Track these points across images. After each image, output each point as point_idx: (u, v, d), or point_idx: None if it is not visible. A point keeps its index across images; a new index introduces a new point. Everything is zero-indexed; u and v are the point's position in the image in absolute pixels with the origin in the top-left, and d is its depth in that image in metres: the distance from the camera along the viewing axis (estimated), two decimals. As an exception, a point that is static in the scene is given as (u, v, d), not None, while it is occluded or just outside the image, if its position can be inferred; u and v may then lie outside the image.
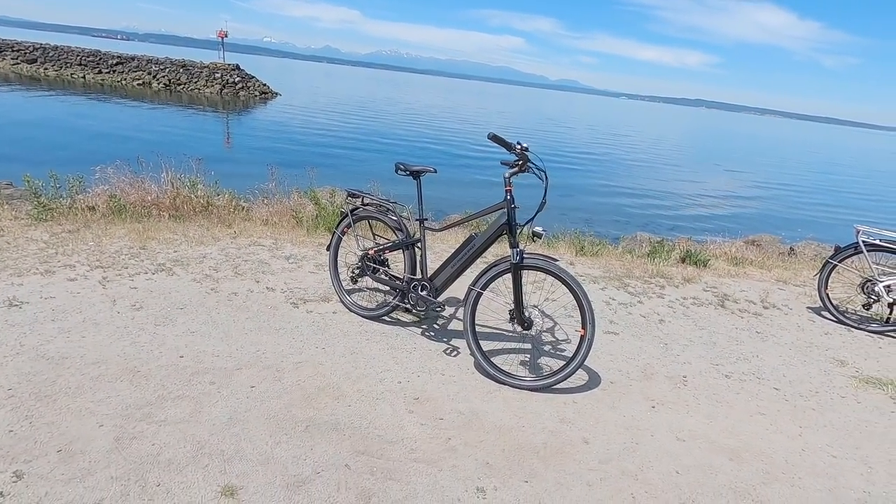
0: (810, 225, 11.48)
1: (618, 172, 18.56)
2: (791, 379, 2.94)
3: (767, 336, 3.49)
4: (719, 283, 4.43)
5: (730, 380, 2.84)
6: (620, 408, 2.44)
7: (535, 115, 55.11)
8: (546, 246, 5.10)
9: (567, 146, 24.97)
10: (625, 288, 4.03)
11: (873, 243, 3.61)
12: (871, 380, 3.01)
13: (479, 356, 2.56)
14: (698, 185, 17.54)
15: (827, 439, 2.39)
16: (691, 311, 3.78)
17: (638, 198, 14.00)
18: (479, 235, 2.63)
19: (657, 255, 4.91)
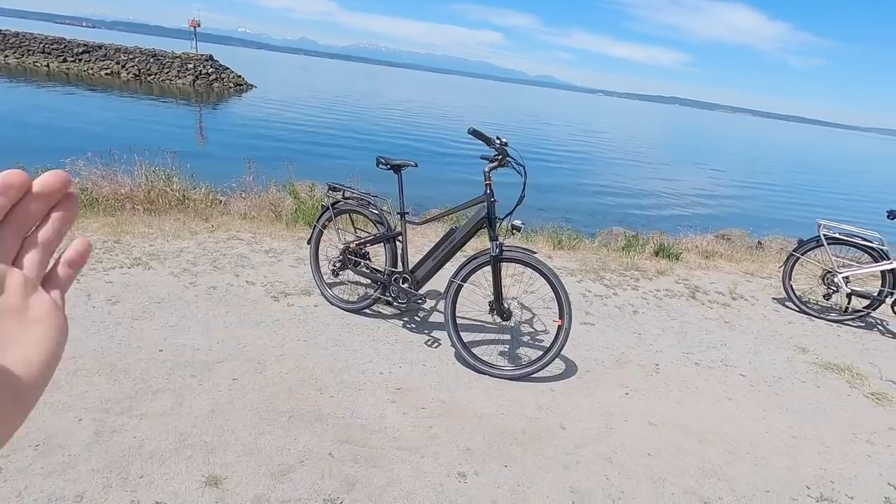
0: (777, 220, 11.89)
1: (595, 169, 18.86)
2: (756, 366, 3.08)
3: (735, 325, 3.64)
4: (691, 276, 4.58)
5: (699, 367, 2.97)
6: (596, 395, 2.53)
7: (513, 110, 55.37)
8: (525, 240, 5.18)
9: (546, 143, 25.22)
10: (601, 280, 4.14)
11: (833, 237, 3.80)
12: (829, 366, 3.18)
13: (460, 347, 2.61)
14: (672, 182, 17.96)
15: (788, 421, 2.53)
16: (664, 302, 3.91)
17: (614, 193, 14.27)
18: (460, 229, 2.68)
19: (632, 249, 5.05)
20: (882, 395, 2.90)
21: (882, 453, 2.37)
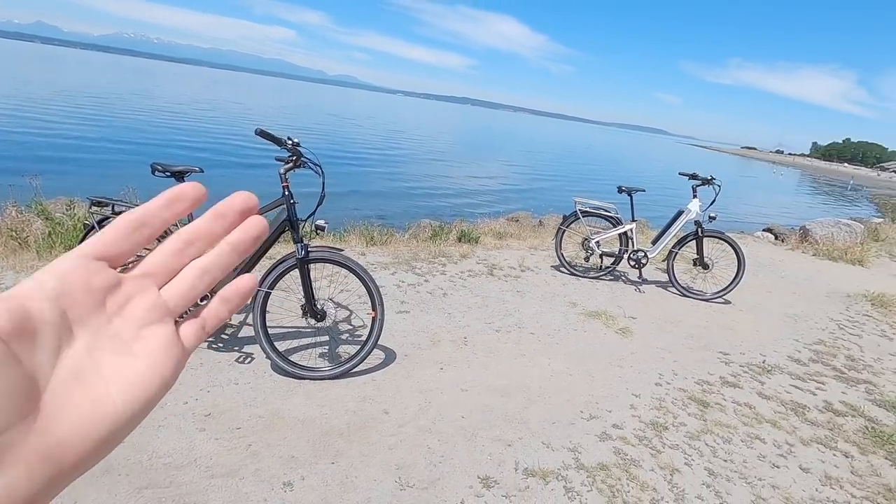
0: (553, 200, 14.19)
1: (405, 166, 19.69)
2: (542, 323, 3.67)
3: (525, 293, 4.27)
4: (488, 256, 5.18)
5: (499, 333, 3.41)
6: (414, 375, 2.71)
7: (315, 110, 53.98)
8: (337, 239, 5.18)
9: (355, 143, 25.31)
10: (412, 270, 4.40)
11: (586, 210, 4.72)
12: (592, 313, 3.97)
13: (275, 357, 2.51)
14: (471, 174, 19.88)
15: (566, 364, 3.10)
16: (468, 282, 4.35)
17: (424, 188, 15.14)
18: (260, 235, 2.56)
19: (438, 238, 5.48)
20: (626, 329, 3.75)
21: (627, 372, 3.09)
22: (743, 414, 2.78)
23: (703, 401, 2.85)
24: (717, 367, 3.33)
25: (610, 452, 2.28)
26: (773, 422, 2.75)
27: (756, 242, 8.25)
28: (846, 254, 7.33)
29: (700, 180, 4.54)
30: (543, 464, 2.13)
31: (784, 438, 2.60)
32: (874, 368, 3.68)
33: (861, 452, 2.58)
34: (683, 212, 4.61)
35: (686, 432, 2.52)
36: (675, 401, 2.82)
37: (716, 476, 2.22)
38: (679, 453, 2.34)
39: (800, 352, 3.80)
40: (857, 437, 2.72)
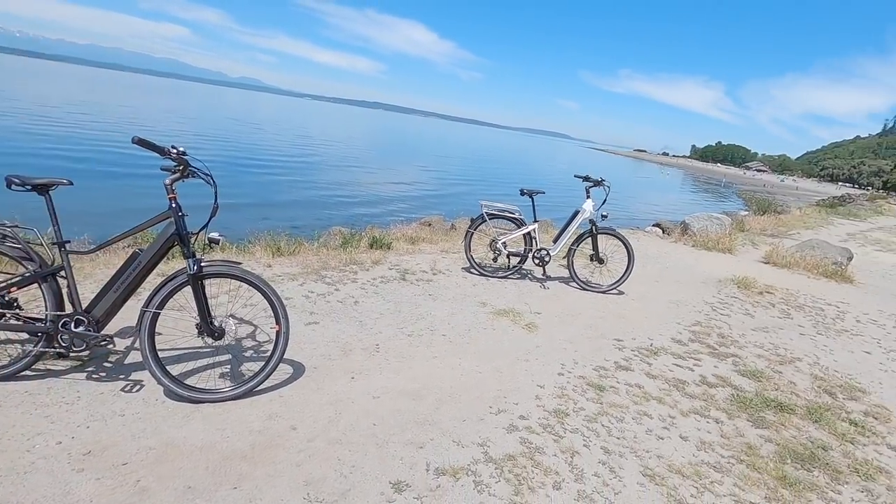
0: (464, 203, 14.56)
1: (317, 173, 19.09)
2: (453, 325, 3.76)
3: (437, 296, 4.34)
4: (401, 261, 5.21)
5: (412, 337, 3.44)
6: (324, 387, 2.65)
7: (215, 115, 50.61)
8: (241, 251, 4.91)
9: (263, 150, 24.06)
10: (322, 279, 4.30)
11: (492, 213, 4.92)
12: (500, 311, 4.14)
13: (168, 381, 2.33)
14: (382, 178, 19.80)
15: (476, 362, 3.20)
16: (380, 288, 4.34)
17: (336, 195, 14.79)
18: (145, 251, 2.37)
19: (349, 245, 5.40)
20: (532, 324, 3.96)
21: (533, 365, 3.26)
22: (633, 394, 3.06)
23: (599, 385, 3.09)
24: (612, 354, 3.63)
25: (517, 443, 2.39)
26: (659, 398, 3.05)
27: (646, 237, 9.09)
28: (718, 244, 8.32)
29: (592, 182, 4.92)
30: (454, 461, 2.19)
31: (667, 412, 2.90)
32: (739, 343, 4.22)
33: (729, 417, 2.95)
34: (579, 211, 4.97)
35: (585, 416, 2.72)
36: (575, 388, 3.03)
37: (610, 453, 2.42)
38: (578, 436, 2.52)
39: (681, 333, 4.26)
40: (725, 404, 3.11)
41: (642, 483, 2.25)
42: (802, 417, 3.09)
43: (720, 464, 2.48)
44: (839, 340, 4.71)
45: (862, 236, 14.18)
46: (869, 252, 11.11)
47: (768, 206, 17.28)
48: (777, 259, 7.78)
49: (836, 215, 20.44)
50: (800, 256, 7.69)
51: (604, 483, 2.21)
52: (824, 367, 3.98)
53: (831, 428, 3.01)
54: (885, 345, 4.78)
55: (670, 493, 2.21)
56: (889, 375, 4.05)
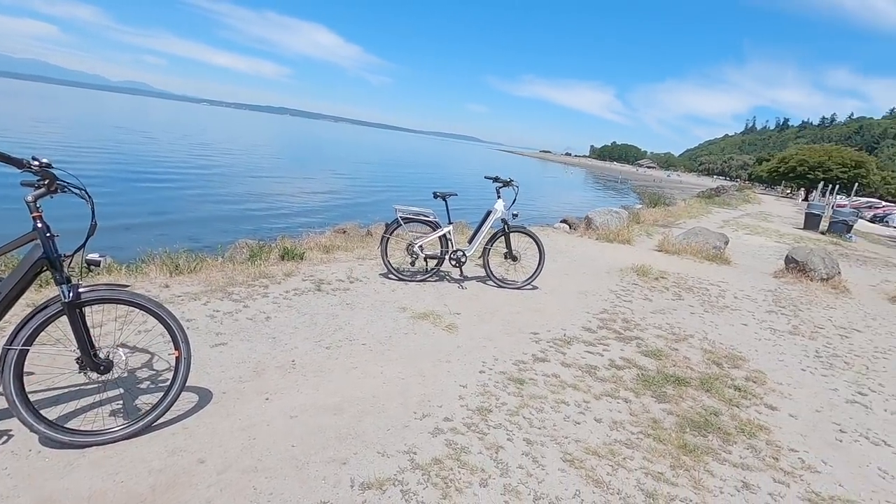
0: (381, 209, 14.41)
1: (218, 183, 17.82)
2: (373, 333, 3.69)
3: (355, 305, 4.24)
4: (315, 271, 5.01)
5: (330, 350, 3.32)
6: (235, 413, 2.47)
7: (96, 122, 45.50)
8: (133, 272, 4.44)
9: (152, 160, 21.98)
10: (229, 297, 4.01)
11: (407, 217, 4.90)
12: (420, 315, 4.13)
13: (44, 427, 2.03)
14: (294, 187, 19.01)
15: (398, 368, 3.16)
16: (294, 301, 4.14)
17: (242, 206, 13.93)
18: (5, 280, 2.05)
19: (258, 258, 5.09)
20: (452, 325, 4.00)
21: (455, 366, 3.29)
22: (551, 384, 3.19)
23: (519, 379, 3.19)
24: (529, 347, 3.76)
25: (443, 446, 2.39)
26: (574, 385, 3.21)
27: (555, 232, 9.59)
28: (618, 236, 9.00)
29: (502, 182, 5.09)
30: (380, 473, 2.13)
31: (582, 398, 3.06)
32: (641, 326, 4.58)
33: (636, 396, 3.18)
34: (491, 212, 5.11)
35: (507, 410, 2.79)
36: (496, 384, 3.10)
37: (533, 444, 2.50)
38: (502, 431, 2.57)
39: (590, 322, 4.53)
40: (632, 384, 3.35)
41: (563, 469, 2.34)
42: (697, 388, 3.42)
43: (630, 440, 2.66)
44: (722, 316, 5.29)
45: (734, 222, 16.10)
46: (741, 236, 12.64)
47: (658, 200, 19.02)
48: (668, 247, 8.58)
49: (714, 205, 23.04)
50: (686, 243, 8.55)
51: (528, 474, 2.27)
52: (712, 341, 4.44)
53: (720, 395, 3.36)
54: (757, 316, 5.44)
55: (588, 474, 2.32)
56: (762, 343, 4.61)
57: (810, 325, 5.39)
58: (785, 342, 4.72)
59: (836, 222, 16.08)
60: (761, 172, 64.19)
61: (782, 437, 2.95)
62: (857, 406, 3.54)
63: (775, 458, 2.70)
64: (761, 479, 2.49)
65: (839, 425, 3.21)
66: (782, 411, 3.29)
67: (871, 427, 3.25)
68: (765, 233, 14.24)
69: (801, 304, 6.24)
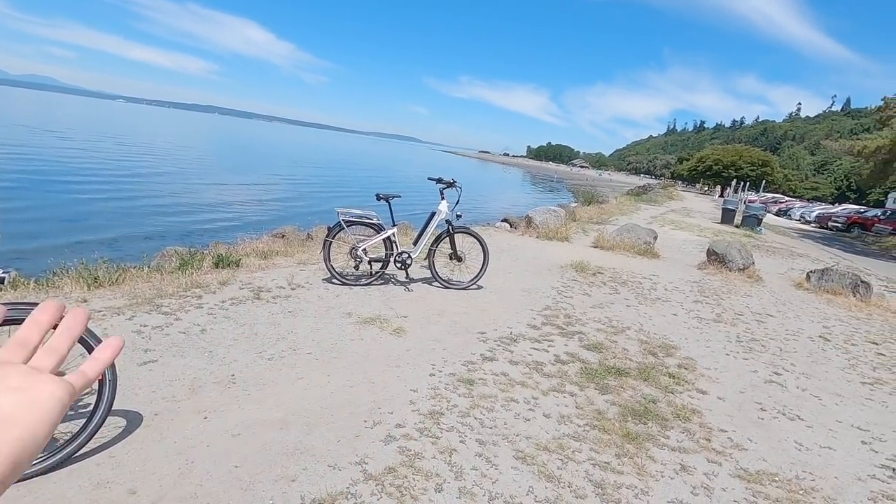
0: (320, 211, 14.03)
1: (144, 187, 16.56)
2: (318, 340, 3.57)
3: (297, 312, 4.08)
4: (253, 279, 4.78)
5: (272, 361, 3.17)
6: (170, 436, 2.29)
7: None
8: (44, 286, 4.02)
9: (64, 161, 20.05)
10: (157, 310, 3.73)
11: (350, 220, 4.78)
12: (367, 319, 4.05)
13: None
14: (227, 190, 18.08)
15: (346, 376, 3.08)
16: (231, 311, 3.92)
17: (171, 211, 13.02)
18: None
19: (189, 267, 4.78)
20: (400, 329, 3.95)
21: (405, 371, 3.25)
22: (500, 383, 3.23)
23: (469, 380, 3.20)
24: (477, 347, 3.80)
25: (395, 453, 2.35)
26: (522, 382, 3.28)
27: (497, 232, 9.76)
28: (557, 234, 9.31)
29: (445, 184, 5.10)
30: (331, 488, 2.06)
31: (531, 394, 3.13)
32: (582, 321, 4.76)
33: (581, 389, 3.30)
34: (435, 213, 5.11)
35: (459, 412, 2.79)
36: (447, 386, 3.10)
37: (485, 444, 2.52)
38: (454, 434, 2.57)
39: (535, 319, 4.64)
40: (577, 378, 3.46)
41: (516, 466, 2.38)
42: (636, 378, 3.59)
43: (578, 433, 2.74)
44: (654, 308, 5.61)
45: (661, 218, 17.17)
46: (667, 231, 13.49)
47: (592, 198, 19.91)
48: (603, 243, 8.99)
49: (642, 202, 24.46)
50: (620, 240, 9.00)
51: (482, 475, 2.28)
52: (647, 332, 4.69)
53: (657, 383, 3.55)
54: (685, 307, 5.82)
55: (540, 469, 2.37)
56: (691, 331, 4.93)
57: (731, 312, 5.84)
58: (710, 329, 5.08)
59: (748, 216, 17.58)
60: (682, 171, 69.08)
61: (713, 419, 3.17)
62: (775, 385, 3.87)
63: (707, 439, 2.90)
64: (697, 460, 2.66)
65: (760, 404, 3.50)
66: (711, 394, 3.53)
67: (786, 404, 3.56)
68: (687, 228, 15.31)
69: (722, 293, 6.75)
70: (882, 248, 18.85)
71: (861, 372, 4.46)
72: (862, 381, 4.24)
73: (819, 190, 71.29)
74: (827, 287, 7.59)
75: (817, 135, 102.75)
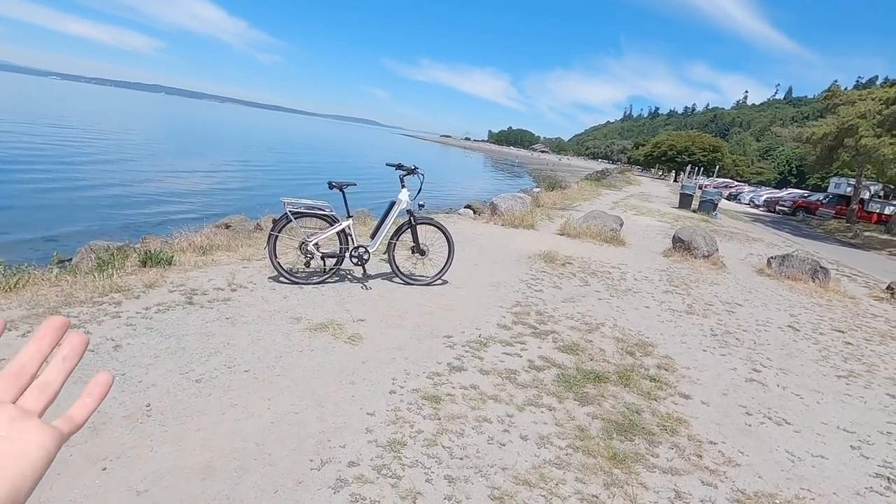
0: (271, 200, 13.18)
1: (67, 172, 15.08)
2: (259, 354, 3.07)
3: (237, 319, 3.55)
4: (187, 279, 4.19)
5: (201, 384, 2.66)
6: (54, 497, 1.78)
7: None
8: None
9: (-24, 141, 18.03)
10: (62, 321, 3.12)
11: (297, 211, 4.25)
12: (319, 326, 3.57)
13: None
14: (169, 177, 16.78)
15: (291, 399, 2.61)
16: (156, 320, 3.35)
17: (96, 201, 11.79)
18: None
19: (109, 266, 4.12)
20: (356, 336, 3.50)
21: (360, 388, 2.81)
22: (470, 398, 2.85)
23: (435, 396, 2.81)
24: (444, 354, 3.40)
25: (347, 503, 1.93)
26: (495, 396, 2.91)
27: (461, 219, 9.37)
28: (522, 221, 9.01)
29: (405, 170, 4.62)
30: (263, 562, 1.62)
31: (505, 411, 2.77)
32: (555, 318, 4.45)
33: (559, 401, 2.97)
34: (395, 202, 4.64)
35: (423, 440, 2.39)
36: (410, 406, 2.69)
37: (455, 481, 2.14)
38: (419, 471, 2.17)
39: (504, 317, 4.29)
40: (554, 386, 3.13)
41: (492, 510, 2.01)
42: (615, 384, 3.30)
43: (560, 458, 2.40)
44: (626, 300, 5.38)
45: (623, 203, 17.27)
46: (630, 216, 13.49)
47: (555, 184, 19.83)
48: (570, 230, 8.77)
49: (602, 187, 24.68)
50: (586, 227, 8.80)
51: (453, 525, 1.90)
52: (622, 328, 4.43)
53: (638, 388, 3.27)
54: (657, 298, 5.64)
55: (521, 511, 2.01)
56: (665, 325, 4.72)
57: (702, 303, 5.70)
58: (684, 322, 4.89)
59: (704, 201, 17.95)
60: (639, 156, 70.81)
61: (700, 429, 2.91)
62: (755, 385, 3.68)
63: (699, 454, 2.63)
64: (691, 483, 2.38)
65: (745, 407, 3.29)
66: (695, 399, 3.29)
67: (770, 406, 3.37)
68: (649, 213, 15.42)
69: (690, 282, 6.63)
70: (826, 231, 19.76)
71: (834, 364, 4.37)
72: (837, 375, 4.14)
73: (763, 175, 74.86)
74: (787, 273, 7.65)
75: (762, 122, 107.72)
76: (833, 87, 20.09)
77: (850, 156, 17.95)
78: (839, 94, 19.61)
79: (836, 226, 21.27)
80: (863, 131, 16.23)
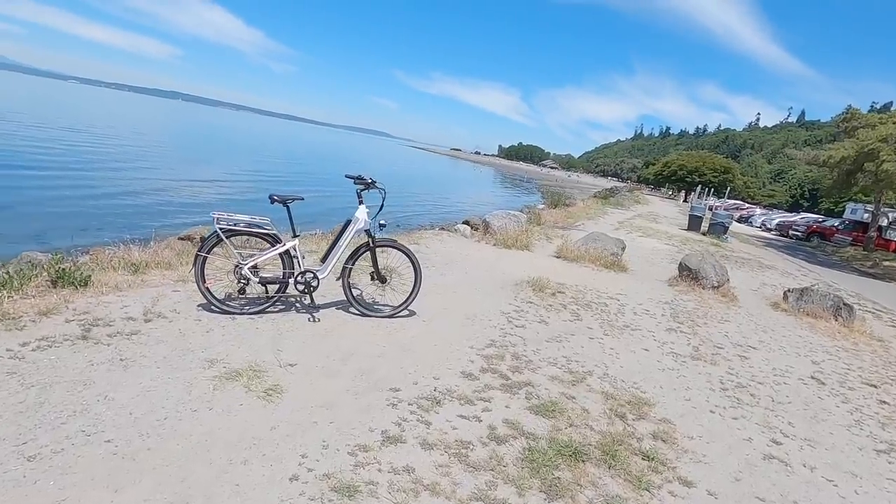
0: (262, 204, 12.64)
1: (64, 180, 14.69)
2: (139, 415, 2.39)
3: (134, 361, 2.88)
4: (96, 305, 3.54)
5: (34, 462, 1.98)
6: None
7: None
8: None
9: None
10: None
11: (231, 228, 3.61)
12: (233, 373, 2.89)
13: None
14: (167, 183, 16.32)
15: (148, 492, 1.93)
16: (27, 361, 2.69)
17: (74, 211, 11.34)
18: None
19: (6, 288, 3.49)
20: (275, 388, 2.81)
21: (253, 470, 2.12)
22: (399, 489, 2.15)
23: (350, 486, 2.11)
24: (382, 417, 2.70)
25: None
26: (433, 486, 2.21)
27: (451, 237, 8.69)
28: (516, 241, 8.33)
29: (363, 184, 3.97)
30: None
31: (441, 512, 2.06)
32: (534, 363, 3.74)
33: (519, 494, 2.25)
34: (351, 221, 3.98)
35: (312, 566, 1.69)
36: (310, 503, 1.99)
37: None
38: None
39: (472, 362, 3.59)
40: (515, 468, 2.42)
41: None
42: (598, 462, 2.59)
43: None
44: (622, 339, 4.66)
45: (628, 224, 16.54)
46: (635, 238, 12.76)
47: (560, 200, 19.16)
48: (567, 253, 8.06)
49: (609, 205, 23.97)
50: (585, 250, 8.09)
51: None
52: (613, 379, 3.71)
53: (626, 470, 2.55)
54: (658, 337, 4.91)
55: None
56: (666, 375, 4.00)
57: (710, 344, 4.96)
58: (688, 371, 4.16)
59: (714, 224, 17.17)
60: (649, 175, 70.01)
61: (706, 540, 2.18)
62: (776, 464, 2.94)
63: (702, 588, 1.90)
64: None
65: (764, 502, 2.55)
66: (699, 487, 2.56)
67: (797, 499, 2.63)
68: (655, 234, 14.67)
69: (697, 317, 5.89)
70: (843, 259, 18.84)
71: (871, 433, 3.61)
72: (876, 449, 3.38)
73: (775, 197, 73.64)
74: (807, 309, 6.88)
75: (774, 144, 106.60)
76: (851, 109, 19.32)
77: (871, 180, 17.10)
78: (858, 117, 18.83)
79: (853, 253, 20.31)
80: (884, 156, 15.42)
